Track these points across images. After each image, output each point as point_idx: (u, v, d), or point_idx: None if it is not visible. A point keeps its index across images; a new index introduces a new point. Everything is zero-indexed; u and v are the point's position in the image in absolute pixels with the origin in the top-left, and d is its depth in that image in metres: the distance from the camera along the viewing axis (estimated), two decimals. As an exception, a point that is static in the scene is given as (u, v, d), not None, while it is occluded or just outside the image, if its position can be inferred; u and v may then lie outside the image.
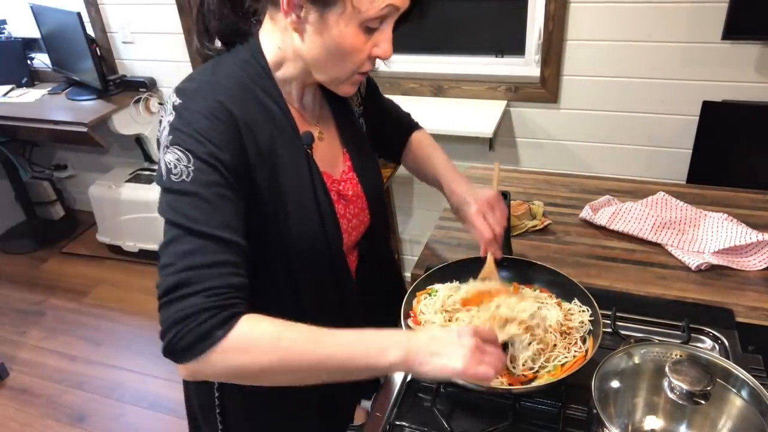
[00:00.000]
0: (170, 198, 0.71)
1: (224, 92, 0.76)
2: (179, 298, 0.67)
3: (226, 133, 0.74)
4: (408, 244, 2.70)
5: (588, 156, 2.18)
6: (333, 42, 0.74)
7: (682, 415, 0.73)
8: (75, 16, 2.38)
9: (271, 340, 0.68)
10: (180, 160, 0.71)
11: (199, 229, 0.69)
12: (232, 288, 0.69)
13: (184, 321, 0.66)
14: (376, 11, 0.72)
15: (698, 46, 1.85)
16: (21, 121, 2.52)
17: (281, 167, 0.80)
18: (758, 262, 1.17)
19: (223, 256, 0.70)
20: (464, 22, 2.23)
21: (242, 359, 0.67)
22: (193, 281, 0.67)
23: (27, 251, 3.21)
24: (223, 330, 0.66)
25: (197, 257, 0.68)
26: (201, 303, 0.66)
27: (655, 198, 1.39)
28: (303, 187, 0.82)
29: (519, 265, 1.07)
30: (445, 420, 0.86)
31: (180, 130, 0.73)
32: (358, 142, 0.97)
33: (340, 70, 0.79)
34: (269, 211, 0.80)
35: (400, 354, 0.69)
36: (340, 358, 0.69)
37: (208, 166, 0.71)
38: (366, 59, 0.78)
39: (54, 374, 2.37)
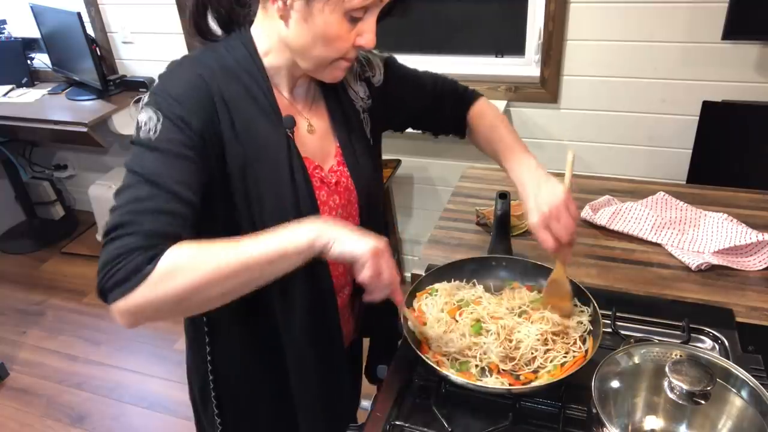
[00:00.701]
0: (137, 150, 0.76)
1: (205, 68, 0.81)
2: (117, 237, 0.70)
3: (198, 101, 0.78)
4: (408, 244, 2.70)
5: (588, 156, 2.18)
6: (317, 30, 0.77)
7: (682, 415, 0.73)
8: (75, 16, 2.38)
9: (193, 260, 0.70)
10: (150, 119, 0.76)
11: (154, 179, 0.73)
12: (169, 237, 0.71)
13: (116, 259, 0.69)
14: (361, 1, 0.75)
15: (698, 46, 1.85)
16: (21, 121, 2.52)
17: (259, 146, 0.82)
18: (758, 262, 1.17)
19: (169, 207, 0.73)
20: (464, 22, 2.23)
21: (170, 284, 0.69)
22: (134, 222, 0.70)
23: (27, 251, 3.21)
24: (151, 265, 0.69)
25: (145, 203, 0.72)
26: (134, 242, 0.69)
27: (655, 198, 1.39)
28: (280, 166, 0.84)
29: (519, 265, 1.07)
30: (445, 420, 0.86)
31: (156, 93, 0.78)
32: (353, 139, 0.97)
33: (323, 58, 0.81)
34: (240, 187, 0.82)
35: (312, 234, 0.74)
36: (258, 254, 0.72)
37: (174, 125, 0.76)
38: (349, 47, 0.80)
39: (54, 374, 2.37)
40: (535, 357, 0.88)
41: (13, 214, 3.37)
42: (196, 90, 0.78)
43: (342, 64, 0.83)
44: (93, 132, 2.40)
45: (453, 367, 0.89)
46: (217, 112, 0.79)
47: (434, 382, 0.92)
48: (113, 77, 2.68)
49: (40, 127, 2.49)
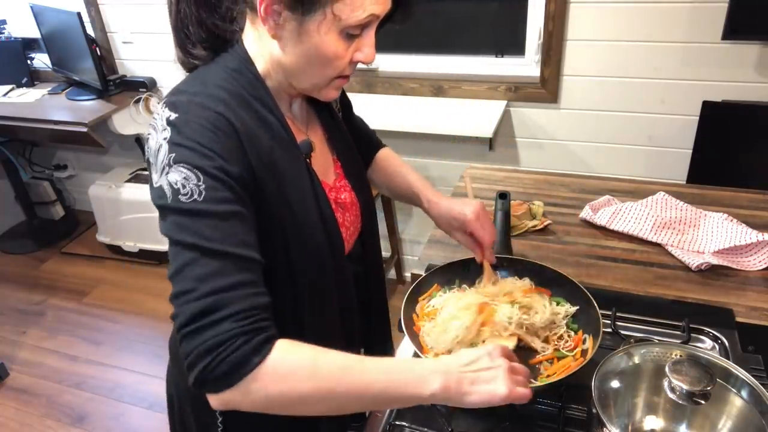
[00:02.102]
0: (180, 219, 0.66)
1: (221, 102, 0.72)
2: (208, 325, 0.62)
3: (230, 145, 0.70)
4: (408, 244, 2.70)
5: (588, 156, 2.18)
6: (313, 49, 0.72)
7: (682, 415, 0.73)
8: (75, 16, 2.38)
9: (309, 367, 0.65)
10: (188, 179, 0.67)
11: (217, 248, 0.65)
12: (259, 309, 0.65)
13: (216, 349, 0.62)
14: (357, 20, 0.71)
15: (698, 46, 1.85)
16: (21, 121, 2.52)
17: (283, 178, 0.77)
18: (758, 262, 1.17)
19: (245, 276, 0.66)
20: (464, 22, 2.23)
21: (280, 387, 0.64)
22: (220, 306, 0.63)
23: (27, 251, 3.21)
24: (260, 356, 0.63)
25: (219, 280, 0.64)
26: (232, 328, 0.62)
27: (655, 198, 1.39)
28: (306, 198, 0.80)
29: (519, 265, 1.07)
30: (445, 420, 0.86)
31: (182, 145, 0.68)
32: (347, 148, 0.95)
33: (321, 77, 0.77)
34: (275, 224, 0.77)
35: (440, 383, 0.67)
36: (380, 388, 0.66)
37: (219, 183, 0.68)
38: (347, 64, 0.76)
39: (54, 374, 2.37)
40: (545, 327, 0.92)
41: (13, 214, 3.37)
42: (224, 133, 0.70)
43: (339, 82, 0.79)
44: (93, 132, 2.40)
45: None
46: (245, 150, 0.72)
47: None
48: (113, 77, 2.68)
49: (40, 127, 2.49)
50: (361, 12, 0.70)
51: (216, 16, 0.78)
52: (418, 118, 2.16)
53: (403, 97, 2.31)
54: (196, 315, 0.63)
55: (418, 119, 2.14)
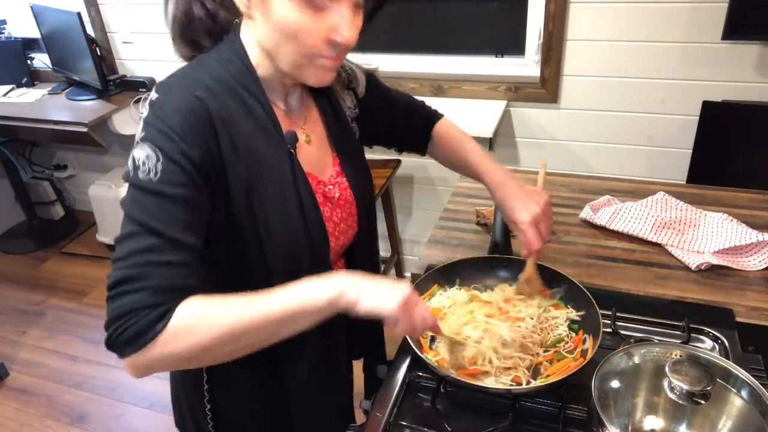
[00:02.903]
0: (135, 193, 0.70)
1: (202, 87, 0.74)
2: (125, 292, 0.66)
3: (199, 129, 0.72)
4: (408, 244, 2.70)
5: (588, 156, 2.18)
6: (279, 23, 0.71)
7: (682, 415, 0.73)
8: (75, 16, 2.38)
9: (207, 316, 0.68)
10: (149, 158, 0.70)
11: (158, 228, 0.68)
12: (178, 289, 0.69)
13: (125, 316, 0.66)
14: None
15: (698, 46, 1.85)
16: (21, 121, 2.52)
17: (262, 166, 0.77)
18: (758, 262, 1.17)
19: (177, 257, 0.69)
20: (464, 22, 2.23)
21: (182, 344, 0.67)
22: (141, 277, 0.67)
23: (27, 251, 3.21)
24: (162, 323, 0.66)
25: (150, 255, 0.68)
26: (143, 299, 0.66)
27: (655, 198, 1.39)
28: (285, 187, 0.80)
29: (519, 265, 1.07)
30: (445, 420, 0.86)
31: (152, 125, 0.71)
32: (349, 147, 0.95)
33: (294, 55, 0.74)
34: (245, 212, 0.77)
35: (334, 291, 0.71)
36: (276, 311, 0.69)
37: (176, 166, 0.70)
38: (321, 43, 0.72)
39: (54, 374, 2.37)
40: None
41: (13, 214, 3.37)
42: (194, 116, 0.72)
43: (321, 62, 0.75)
44: (93, 132, 2.40)
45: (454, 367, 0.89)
46: (217, 135, 0.73)
47: (434, 382, 0.92)
48: (113, 77, 2.69)
49: (40, 127, 2.49)
50: None
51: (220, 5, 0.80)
52: (418, 118, 2.15)
53: (403, 97, 2.31)
54: (119, 281, 0.67)
55: (418, 119, 2.14)
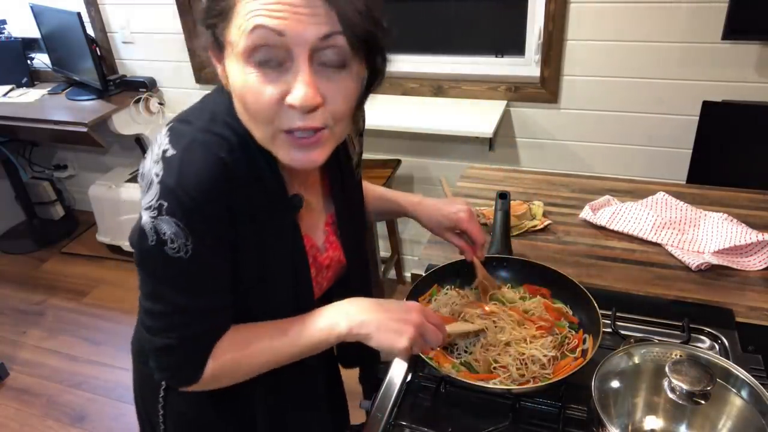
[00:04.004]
0: (165, 269, 0.70)
1: (225, 145, 0.67)
2: (167, 355, 0.75)
3: (223, 196, 0.67)
4: (408, 244, 2.70)
5: (588, 156, 2.18)
6: (234, 91, 0.65)
7: (682, 415, 0.73)
8: (75, 16, 2.38)
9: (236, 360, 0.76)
10: (178, 236, 0.66)
11: (191, 304, 0.72)
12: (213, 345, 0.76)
13: (170, 370, 0.76)
14: (248, 40, 0.59)
15: (698, 46, 1.85)
16: (21, 121, 2.52)
17: (265, 233, 0.74)
18: (758, 262, 1.17)
19: (209, 324, 0.75)
20: (464, 22, 2.22)
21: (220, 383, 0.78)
22: (180, 347, 0.74)
23: (27, 251, 3.21)
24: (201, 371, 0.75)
25: (186, 329, 0.73)
26: (185, 361, 0.75)
27: (655, 198, 1.39)
28: (284, 256, 0.78)
29: (519, 265, 1.07)
30: (445, 420, 0.86)
31: (174, 194, 0.65)
32: (348, 206, 0.89)
33: (257, 126, 0.65)
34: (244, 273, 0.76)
35: (346, 327, 0.75)
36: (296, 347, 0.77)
37: (205, 247, 0.68)
38: (280, 109, 0.62)
39: (54, 374, 2.37)
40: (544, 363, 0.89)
41: (13, 214, 3.37)
42: (217, 182, 0.66)
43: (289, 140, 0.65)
44: (93, 132, 2.40)
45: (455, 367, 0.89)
46: (234, 198, 0.69)
47: (434, 382, 0.92)
48: (113, 77, 2.68)
49: (40, 127, 2.48)
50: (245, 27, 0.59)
51: None
52: (418, 118, 2.16)
53: (403, 97, 2.31)
54: (161, 349, 0.74)
55: (418, 119, 2.14)
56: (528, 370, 0.87)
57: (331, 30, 0.60)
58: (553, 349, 0.90)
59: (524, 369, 0.87)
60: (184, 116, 0.72)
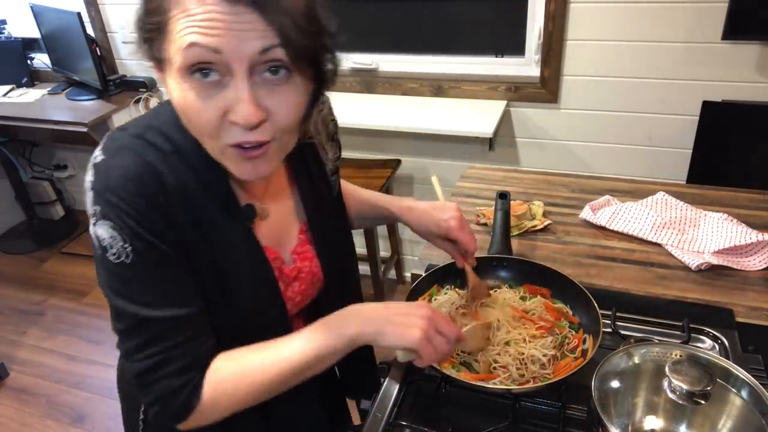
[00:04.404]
0: (112, 281, 0.67)
1: (156, 150, 0.67)
2: (153, 381, 0.69)
3: (156, 205, 0.66)
4: (408, 244, 2.70)
5: (588, 156, 2.18)
6: (177, 107, 0.64)
7: (682, 415, 0.73)
8: (75, 16, 2.38)
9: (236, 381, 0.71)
10: (115, 239, 0.65)
11: (153, 315, 0.67)
12: (201, 357, 0.71)
13: (161, 401, 0.69)
14: (184, 57, 0.59)
15: (698, 46, 1.85)
16: (21, 121, 2.52)
17: (217, 243, 0.72)
18: (758, 262, 1.17)
19: (184, 334, 0.69)
20: (464, 22, 2.22)
21: (223, 406, 0.71)
22: (161, 365, 0.68)
23: (27, 251, 3.21)
24: (197, 397, 0.70)
25: (160, 344, 0.68)
26: (172, 383, 0.69)
27: (655, 198, 1.39)
28: (242, 267, 0.75)
29: (519, 265, 1.07)
30: (445, 420, 0.86)
31: (105, 199, 0.64)
32: (323, 211, 0.87)
33: (204, 141, 0.65)
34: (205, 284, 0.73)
35: (355, 329, 0.71)
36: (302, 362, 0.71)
37: (144, 244, 0.65)
38: (223, 125, 0.62)
39: (54, 374, 2.37)
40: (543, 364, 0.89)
41: (13, 214, 3.37)
42: (147, 185, 0.65)
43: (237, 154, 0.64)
44: (93, 132, 2.40)
45: (455, 367, 0.89)
46: (174, 208, 0.67)
47: (434, 382, 0.92)
48: (113, 77, 2.68)
49: (40, 127, 2.49)
50: (180, 44, 0.58)
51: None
52: (418, 118, 2.16)
53: (403, 97, 2.31)
54: (142, 372, 0.69)
55: (418, 119, 2.14)
56: (528, 370, 0.87)
57: (269, 44, 0.58)
58: (553, 349, 0.90)
59: (524, 369, 0.87)
60: (123, 125, 0.72)
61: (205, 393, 0.70)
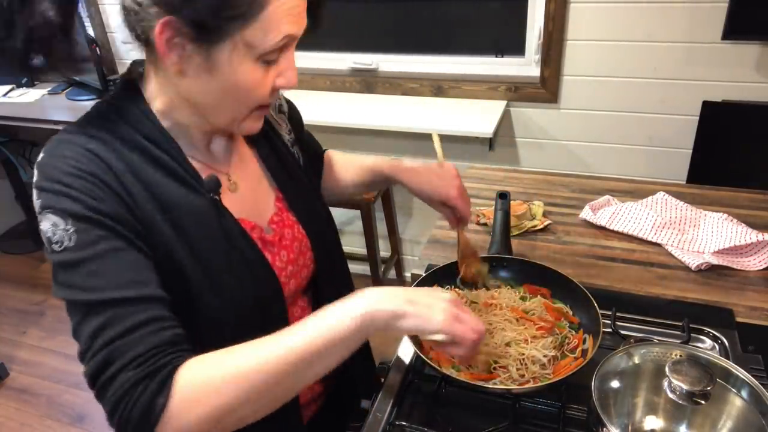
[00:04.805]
0: (60, 274, 0.62)
1: (94, 139, 0.67)
2: (107, 381, 0.60)
3: (100, 183, 0.64)
4: (408, 244, 2.70)
5: (588, 156, 2.18)
6: (226, 83, 0.65)
7: (682, 415, 0.73)
8: (75, 16, 2.38)
9: (218, 378, 0.60)
10: (57, 225, 0.62)
11: (100, 297, 0.61)
12: (159, 346, 0.61)
13: (121, 402, 0.59)
14: (272, 44, 0.64)
15: (698, 46, 1.85)
16: (21, 121, 2.52)
17: (186, 219, 0.70)
18: (758, 262, 1.17)
19: (137, 317, 0.61)
20: (464, 22, 2.23)
21: (199, 410, 0.59)
22: (114, 358, 0.60)
23: (27, 251, 3.21)
24: (163, 395, 0.59)
25: (110, 330, 0.60)
26: (131, 377, 0.59)
27: (655, 198, 1.39)
28: (216, 239, 0.72)
29: (519, 265, 1.07)
30: (445, 420, 0.86)
31: (45, 189, 0.63)
32: (293, 178, 0.88)
33: (238, 110, 0.70)
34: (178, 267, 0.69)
35: (362, 311, 0.63)
36: (300, 351, 0.61)
37: (88, 223, 0.62)
38: (269, 93, 0.69)
39: (54, 374, 2.37)
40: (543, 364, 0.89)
41: (13, 214, 3.37)
42: (89, 169, 0.64)
43: (259, 113, 0.73)
44: (93, 132, 2.40)
45: (455, 367, 0.89)
46: (126, 188, 0.66)
47: (434, 382, 0.92)
48: (113, 77, 2.68)
49: (40, 127, 2.48)
50: (275, 35, 0.63)
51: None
52: (418, 118, 2.16)
53: (403, 97, 2.31)
54: (95, 373, 0.60)
55: (418, 119, 2.14)
56: (528, 370, 0.87)
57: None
58: (553, 350, 0.90)
59: (524, 369, 0.87)
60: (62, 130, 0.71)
61: (176, 393, 0.59)
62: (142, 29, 0.64)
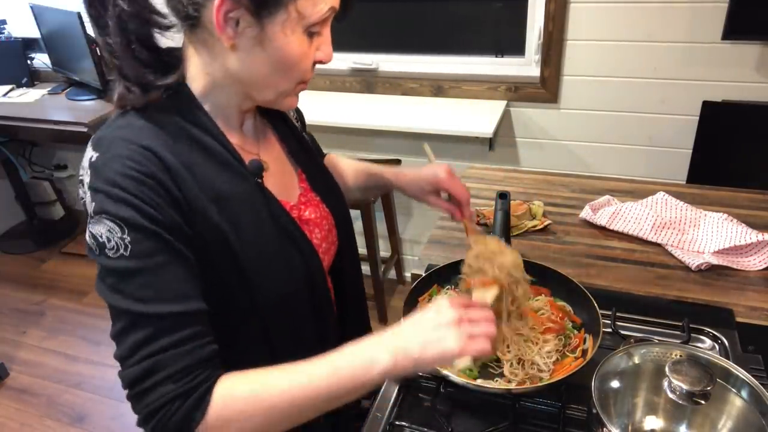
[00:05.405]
0: (111, 280, 0.64)
1: (149, 134, 0.67)
2: (147, 390, 0.63)
3: (158, 187, 0.65)
4: (408, 244, 2.70)
5: (588, 156, 2.18)
6: (278, 53, 0.68)
7: (682, 415, 0.73)
8: (75, 16, 2.38)
9: (251, 401, 0.65)
10: (112, 232, 0.63)
11: (150, 311, 0.63)
12: (199, 362, 0.65)
13: (158, 412, 0.62)
14: (320, 15, 0.68)
15: (698, 46, 1.85)
16: (21, 121, 2.52)
17: (234, 206, 0.72)
18: (758, 262, 1.17)
19: (182, 333, 0.64)
20: (464, 22, 2.22)
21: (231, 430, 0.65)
22: (157, 369, 0.63)
23: (27, 251, 3.21)
24: (200, 411, 0.63)
25: (155, 343, 0.63)
26: (171, 391, 0.62)
27: (655, 198, 1.39)
28: (262, 222, 0.74)
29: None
30: (445, 420, 0.86)
31: (101, 191, 0.63)
32: (312, 160, 0.91)
33: (287, 82, 0.72)
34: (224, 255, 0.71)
35: (388, 358, 0.66)
36: (328, 391, 0.66)
37: (144, 234, 0.63)
38: (311, 66, 0.73)
39: (54, 374, 2.37)
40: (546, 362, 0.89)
41: (13, 214, 3.37)
42: (146, 170, 0.64)
43: (300, 88, 0.75)
44: (93, 132, 2.39)
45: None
46: (179, 185, 0.67)
47: (434, 382, 0.92)
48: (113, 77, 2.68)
49: (40, 127, 2.48)
50: (323, 5, 0.68)
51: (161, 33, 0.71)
52: (418, 118, 2.16)
53: (403, 97, 2.31)
54: (136, 380, 0.63)
55: (418, 119, 2.14)
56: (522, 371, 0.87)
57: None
58: (556, 353, 0.90)
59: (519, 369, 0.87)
60: (107, 122, 0.72)
61: (212, 410, 0.63)
62: (195, 7, 0.65)
